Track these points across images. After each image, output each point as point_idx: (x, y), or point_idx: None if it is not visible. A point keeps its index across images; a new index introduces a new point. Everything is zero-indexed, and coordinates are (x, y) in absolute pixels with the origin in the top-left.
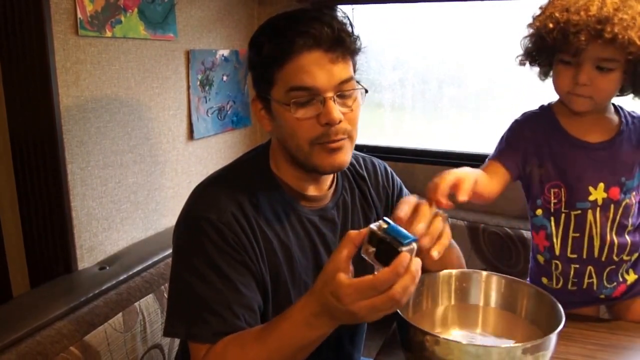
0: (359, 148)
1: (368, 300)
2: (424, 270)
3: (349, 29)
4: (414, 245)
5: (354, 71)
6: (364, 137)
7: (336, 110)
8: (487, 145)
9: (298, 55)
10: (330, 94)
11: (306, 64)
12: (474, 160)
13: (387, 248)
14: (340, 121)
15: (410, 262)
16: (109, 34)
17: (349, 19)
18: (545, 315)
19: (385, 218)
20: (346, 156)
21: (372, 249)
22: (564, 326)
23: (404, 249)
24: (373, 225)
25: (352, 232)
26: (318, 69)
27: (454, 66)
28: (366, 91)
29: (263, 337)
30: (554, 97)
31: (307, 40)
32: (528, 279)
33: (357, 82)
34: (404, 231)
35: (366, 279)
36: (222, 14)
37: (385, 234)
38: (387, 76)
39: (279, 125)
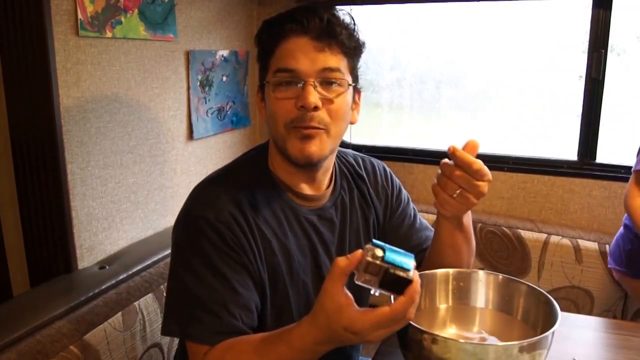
0: (357, 148)
1: (384, 330)
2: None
3: (348, 26)
4: (414, 263)
5: (352, 74)
6: (362, 137)
7: (313, 95)
8: (485, 144)
9: (287, 40)
10: (310, 79)
11: (292, 49)
12: None
13: (394, 278)
14: (315, 107)
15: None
16: (109, 34)
17: (352, 18)
18: (542, 314)
19: (375, 241)
20: (318, 148)
21: (373, 278)
22: (561, 325)
23: (411, 274)
24: (368, 257)
25: (342, 262)
26: (302, 54)
27: (451, 66)
28: (355, 88)
29: (262, 352)
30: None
31: (295, 26)
32: (618, 266)
33: (355, 86)
34: (401, 253)
35: (385, 312)
36: (221, 14)
37: (386, 263)
38: (385, 76)
39: (267, 111)
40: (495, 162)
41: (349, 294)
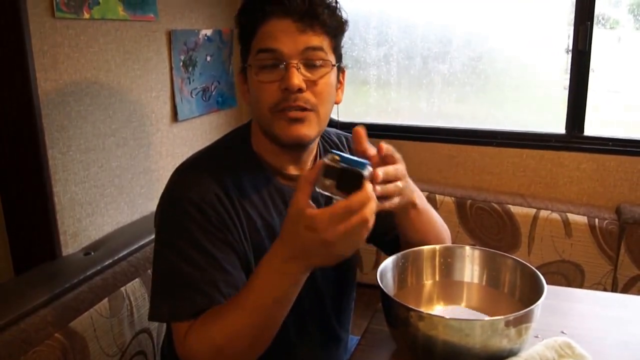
0: (345, 126)
1: (342, 224)
2: (411, 244)
3: (330, 4)
4: (370, 168)
5: (335, 53)
6: (349, 114)
7: (297, 76)
8: (473, 120)
9: (268, 22)
10: (294, 61)
11: (273, 30)
12: (460, 135)
13: (349, 177)
14: (299, 89)
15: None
16: (86, 15)
17: None
18: (527, 288)
19: (333, 151)
20: (308, 130)
21: (331, 182)
22: (550, 298)
23: (366, 173)
24: (326, 160)
25: (305, 173)
26: (284, 35)
27: (438, 42)
28: (339, 68)
29: (238, 301)
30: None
31: (276, 7)
32: None
33: (338, 66)
34: (355, 158)
35: (340, 204)
36: None
37: (342, 165)
38: (371, 53)
39: (250, 93)
40: (484, 137)
41: (312, 203)
